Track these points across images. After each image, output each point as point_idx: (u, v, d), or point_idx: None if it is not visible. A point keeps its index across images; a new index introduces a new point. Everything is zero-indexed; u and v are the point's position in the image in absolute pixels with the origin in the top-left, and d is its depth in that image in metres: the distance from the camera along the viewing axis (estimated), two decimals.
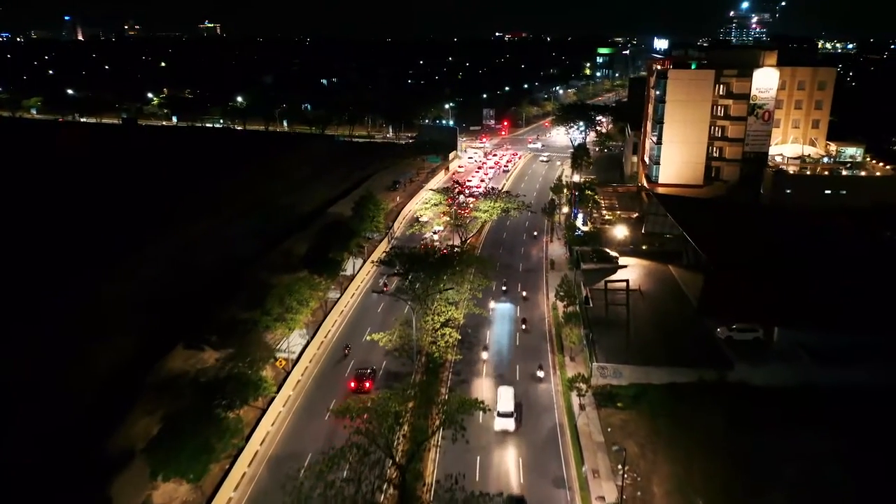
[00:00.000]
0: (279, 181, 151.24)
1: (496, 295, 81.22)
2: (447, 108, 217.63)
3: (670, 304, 77.43)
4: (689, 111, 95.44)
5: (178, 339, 70.78)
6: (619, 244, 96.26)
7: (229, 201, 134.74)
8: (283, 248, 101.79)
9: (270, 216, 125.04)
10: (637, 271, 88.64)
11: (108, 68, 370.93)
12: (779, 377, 58.79)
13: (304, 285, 61.62)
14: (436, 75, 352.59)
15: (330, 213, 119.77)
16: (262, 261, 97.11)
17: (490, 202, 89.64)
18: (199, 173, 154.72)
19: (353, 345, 68.81)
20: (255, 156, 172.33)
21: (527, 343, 70.18)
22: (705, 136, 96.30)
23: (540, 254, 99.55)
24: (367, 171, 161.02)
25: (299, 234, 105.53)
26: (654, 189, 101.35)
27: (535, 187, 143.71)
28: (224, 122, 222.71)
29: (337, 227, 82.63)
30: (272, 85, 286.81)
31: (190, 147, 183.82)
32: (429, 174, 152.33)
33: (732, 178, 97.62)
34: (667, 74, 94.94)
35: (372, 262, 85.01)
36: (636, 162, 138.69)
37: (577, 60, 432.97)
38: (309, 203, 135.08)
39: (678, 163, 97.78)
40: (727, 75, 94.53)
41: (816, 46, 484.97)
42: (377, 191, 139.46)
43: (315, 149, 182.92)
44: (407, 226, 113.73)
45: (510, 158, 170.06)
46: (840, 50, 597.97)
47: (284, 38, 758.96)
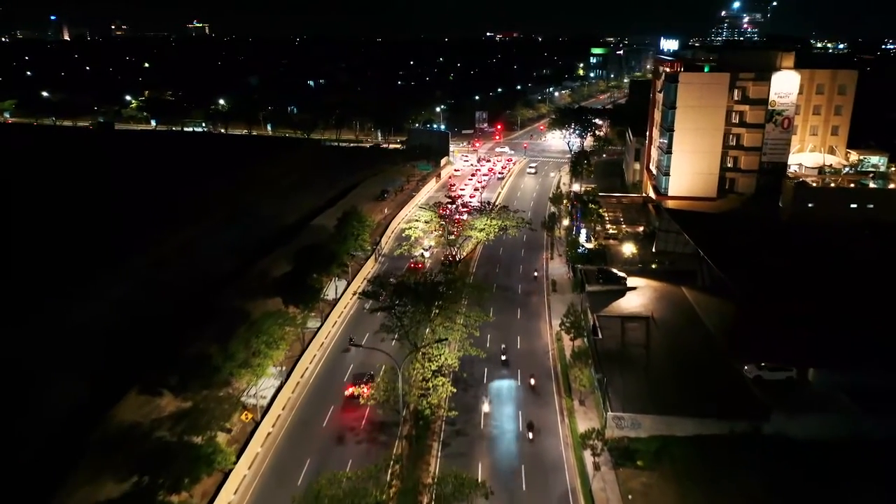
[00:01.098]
0: (261, 189, 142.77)
1: (493, 365, 64.51)
2: (438, 111, 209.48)
3: (687, 333, 69.65)
4: (702, 118, 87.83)
5: (137, 378, 62.57)
6: (626, 262, 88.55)
7: (207, 212, 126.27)
8: (260, 266, 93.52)
9: (250, 228, 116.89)
10: (647, 294, 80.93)
11: (90, 69, 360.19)
12: (823, 429, 51.04)
13: (275, 324, 53.25)
14: (426, 76, 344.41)
15: (313, 227, 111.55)
16: (237, 282, 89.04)
17: (485, 219, 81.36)
18: (176, 181, 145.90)
19: (331, 393, 60.54)
20: (237, 162, 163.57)
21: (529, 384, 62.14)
22: (719, 145, 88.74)
23: (540, 272, 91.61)
24: (355, 177, 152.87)
25: (279, 252, 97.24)
26: (663, 202, 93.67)
27: (531, 195, 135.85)
28: (206, 126, 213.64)
29: (317, 250, 74.22)
30: (257, 86, 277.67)
31: (168, 153, 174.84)
32: (419, 182, 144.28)
33: (748, 191, 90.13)
34: (677, 78, 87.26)
35: (354, 293, 76.52)
36: (639, 169, 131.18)
37: (569, 61, 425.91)
38: (292, 213, 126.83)
39: (689, 174, 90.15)
40: (743, 79, 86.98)
41: (812, 47, 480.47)
42: (364, 201, 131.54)
43: (299, 154, 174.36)
44: (396, 241, 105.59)
45: (505, 164, 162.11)
46: (831, 50, 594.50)
47: (274, 37, 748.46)
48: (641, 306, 77.12)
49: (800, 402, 54.12)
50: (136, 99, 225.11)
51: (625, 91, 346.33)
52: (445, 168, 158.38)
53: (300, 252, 74.90)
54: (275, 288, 74.90)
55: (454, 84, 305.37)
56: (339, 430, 54.42)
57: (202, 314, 76.45)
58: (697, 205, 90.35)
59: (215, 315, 76.24)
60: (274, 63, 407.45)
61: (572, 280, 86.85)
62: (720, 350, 63.30)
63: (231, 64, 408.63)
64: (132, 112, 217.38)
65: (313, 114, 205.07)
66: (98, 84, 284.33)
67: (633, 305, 77.40)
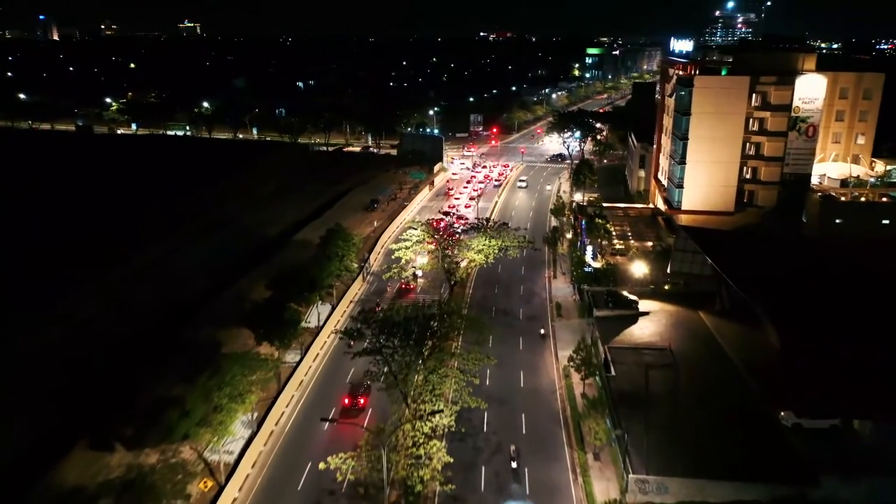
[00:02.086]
0: (243, 198, 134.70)
1: (502, 478, 48.69)
2: (431, 113, 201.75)
3: (711, 369, 62.27)
4: (719, 125, 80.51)
5: (89, 425, 54.74)
6: (636, 283, 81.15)
7: (184, 223, 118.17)
8: (237, 289, 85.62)
9: (229, 241, 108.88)
10: (661, 319, 73.57)
11: (73, 70, 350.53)
12: (886, 495, 43.71)
13: (240, 374, 45.44)
14: (419, 77, 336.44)
15: (296, 242, 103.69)
16: (210, 306, 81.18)
17: (484, 238, 73.53)
18: (153, 189, 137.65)
19: (309, 444, 52.76)
20: (219, 168, 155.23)
21: (534, 432, 54.52)
22: (737, 155, 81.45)
23: (543, 293, 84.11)
24: (344, 185, 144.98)
25: (258, 272, 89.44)
26: (675, 216, 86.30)
27: (530, 205, 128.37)
28: (190, 130, 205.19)
29: (296, 276, 66.46)
30: (245, 88, 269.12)
31: (147, 158, 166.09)
32: (411, 190, 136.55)
33: (769, 204, 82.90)
34: (692, 82, 79.88)
35: (335, 330, 68.40)
36: (644, 177, 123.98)
37: (564, 61, 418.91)
38: (275, 224, 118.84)
39: (705, 186, 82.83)
40: (764, 83, 79.73)
41: (812, 48, 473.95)
42: (352, 212, 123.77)
43: (285, 160, 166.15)
44: (386, 258, 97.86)
45: (501, 171, 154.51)
46: (825, 50, 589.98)
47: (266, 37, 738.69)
48: (657, 335, 69.78)
49: (851, 460, 46.75)
50: (116, 101, 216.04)
51: (622, 92, 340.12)
52: (439, 175, 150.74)
53: (277, 278, 67.08)
54: (249, 317, 67.11)
55: (448, 85, 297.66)
56: (316, 495, 46.68)
57: (169, 345, 68.77)
58: (713, 220, 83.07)
59: (183, 347, 68.66)
60: (263, 64, 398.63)
61: (578, 303, 79.36)
62: (750, 390, 56.04)
63: (219, 64, 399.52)
64: (112, 115, 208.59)
65: (301, 117, 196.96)
66: (81, 85, 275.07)
67: (648, 334, 70.07)
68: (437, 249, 70.50)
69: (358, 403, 56.00)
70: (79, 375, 63.20)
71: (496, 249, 72.42)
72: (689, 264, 75.93)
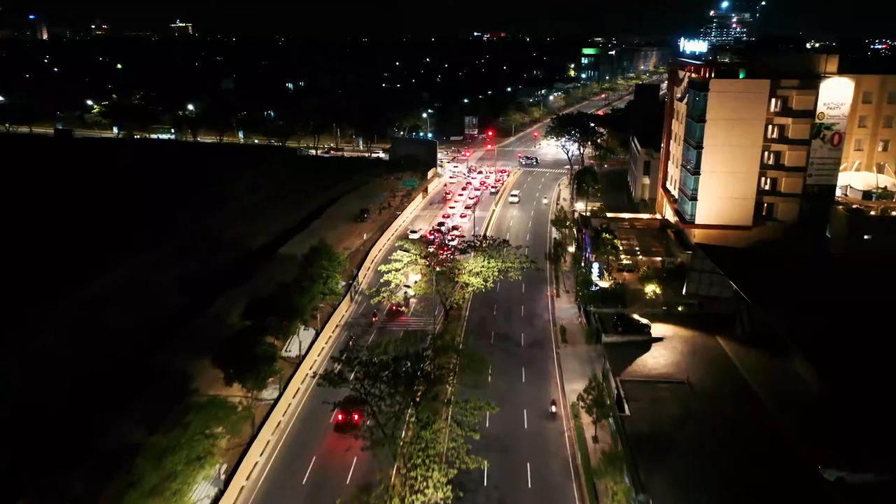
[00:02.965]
0: (228, 206, 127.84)
1: None
2: (425, 116, 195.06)
3: (736, 406, 55.93)
4: (737, 133, 74.17)
5: (30, 481, 47.97)
6: (647, 304, 74.78)
7: (165, 235, 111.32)
8: (213, 311, 78.91)
9: (210, 255, 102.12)
10: (676, 346, 67.26)
11: (58, 71, 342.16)
12: None
13: (201, 431, 38.70)
14: (412, 78, 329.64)
15: (281, 257, 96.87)
16: (186, 328, 74.48)
17: (482, 259, 66.70)
18: (131, 197, 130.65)
19: None
20: (202, 174, 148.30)
21: (542, 488, 47.96)
22: (756, 165, 75.16)
23: (545, 315, 77.58)
24: (333, 191, 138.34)
25: (237, 292, 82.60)
26: (688, 230, 79.95)
27: (528, 214, 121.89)
28: (175, 133, 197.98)
29: (275, 302, 59.72)
30: (233, 90, 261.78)
31: (128, 163, 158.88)
32: (404, 198, 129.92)
33: (789, 218, 76.61)
34: (707, 85, 73.50)
35: (312, 373, 61.19)
36: (648, 184, 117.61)
37: (560, 62, 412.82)
38: (260, 235, 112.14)
39: (721, 198, 76.50)
40: (785, 87, 73.40)
41: (806, 46, 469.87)
42: (341, 222, 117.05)
43: (272, 165, 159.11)
44: (376, 274, 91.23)
45: (498, 177, 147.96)
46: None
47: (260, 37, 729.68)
48: (672, 365, 63.44)
49: None
50: (98, 104, 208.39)
51: (619, 93, 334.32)
52: (433, 181, 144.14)
53: (255, 306, 60.23)
54: (223, 349, 60.21)
55: (442, 87, 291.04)
56: None
57: (136, 378, 62.07)
58: (730, 235, 76.73)
59: (152, 378, 62.04)
60: (254, 64, 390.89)
61: (585, 326, 72.80)
62: (781, 432, 49.72)
63: (209, 65, 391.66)
64: (94, 118, 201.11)
65: (290, 119, 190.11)
66: (64, 87, 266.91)
67: (663, 363, 63.70)
68: (431, 270, 63.75)
69: (352, 419, 52.16)
70: (29, 416, 56.39)
71: (495, 272, 65.72)
72: (706, 286, 69.58)
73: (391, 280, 65.28)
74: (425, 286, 64.63)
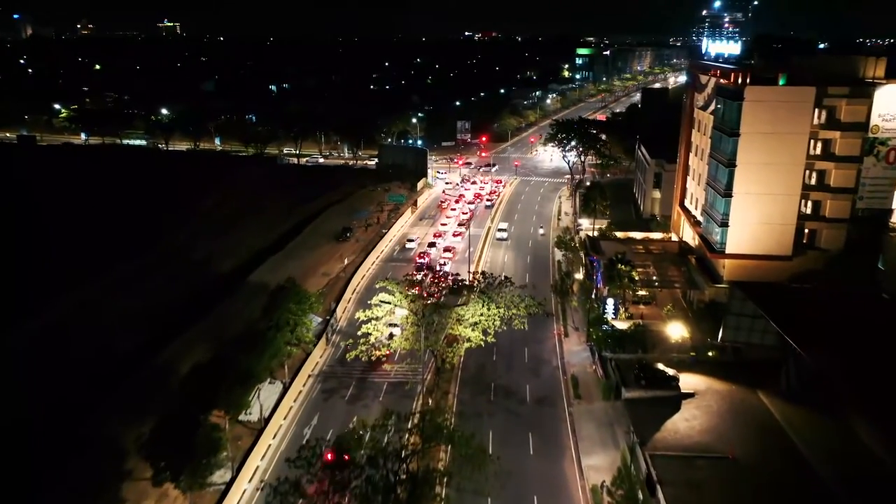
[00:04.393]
0: (197, 221, 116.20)
1: None
2: (414, 121, 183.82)
3: (791, 487, 45.93)
4: (775, 148, 63.60)
5: None
6: (670, 347, 64.18)
7: (121, 254, 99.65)
8: (167, 355, 67.46)
9: (174, 279, 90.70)
10: (712, 404, 57.08)
11: (32, 72, 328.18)
12: None
13: None
14: (402, 79, 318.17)
15: (250, 286, 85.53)
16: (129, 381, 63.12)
17: (480, 304, 55.34)
18: (91, 213, 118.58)
19: None
20: (171, 185, 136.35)
21: None
22: (798, 185, 64.60)
23: (553, 360, 66.75)
24: (315, 204, 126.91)
25: (198, 329, 71.41)
26: (716, 261, 69.32)
27: (528, 230, 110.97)
28: (146, 140, 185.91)
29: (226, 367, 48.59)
30: (214, 92, 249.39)
31: (92, 173, 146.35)
32: (391, 213, 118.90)
33: (834, 247, 66.12)
34: (742, 93, 62.86)
35: (259, 484, 49.13)
36: (659, 198, 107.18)
37: (553, 62, 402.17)
38: (232, 255, 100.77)
39: (755, 223, 65.90)
40: (833, 95, 62.85)
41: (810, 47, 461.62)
42: (321, 241, 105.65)
43: (249, 175, 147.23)
44: (359, 305, 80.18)
45: (494, 188, 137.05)
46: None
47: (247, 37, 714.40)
48: (710, 430, 53.12)
49: None
50: (66, 108, 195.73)
51: (616, 94, 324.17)
52: (423, 193, 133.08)
53: (199, 371, 49.12)
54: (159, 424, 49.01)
55: (433, 88, 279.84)
56: None
57: (56, 451, 50.89)
58: (766, 266, 66.22)
59: (74, 453, 50.87)
60: (239, 65, 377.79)
61: (601, 377, 61.93)
62: None
63: (191, 66, 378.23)
64: (62, 122, 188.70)
65: (272, 124, 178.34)
66: (35, 89, 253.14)
67: (698, 429, 53.43)
68: (420, 320, 52.48)
69: (344, 458, 44.95)
70: None
71: (497, 320, 54.58)
72: (746, 331, 58.96)
73: (370, 331, 54.04)
74: (412, 338, 53.50)
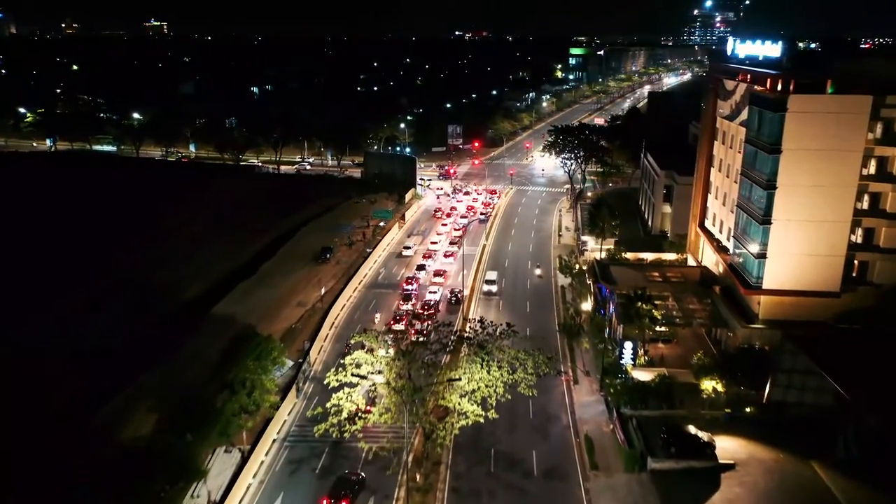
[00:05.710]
0: (161, 240, 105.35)
1: None
2: (403, 126, 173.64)
3: None
4: (824, 168, 54.12)
5: None
6: (699, 401, 54.40)
7: (76, 280, 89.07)
8: (104, 416, 57.05)
9: (129, 310, 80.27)
10: (757, 479, 47.67)
11: (5, 72, 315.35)
12: None
13: None
14: (391, 80, 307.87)
15: (214, 319, 75.28)
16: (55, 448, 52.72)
17: (477, 365, 44.62)
18: (45, 230, 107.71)
19: None
20: (137, 197, 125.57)
21: None
22: (849, 211, 55.13)
23: (563, 416, 56.81)
24: (295, 218, 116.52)
25: (146, 381, 60.95)
26: (753, 298, 59.67)
27: (527, 249, 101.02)
28: (115, 146, 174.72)
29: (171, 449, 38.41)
30: (193, 94, 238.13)
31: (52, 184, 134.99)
32: (376, 228, 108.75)
33: (889, 281, 56.65)
34: (784, 103, 53.27)
35: None
36: (669, 213, 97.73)
37: (545, 62, 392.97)
38: (197, 279, 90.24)
39: (798, 255, 56.38)
40: (892, 105, 53.34)
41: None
42: (298, 263, 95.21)
43: (222, 186, 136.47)
44: (337, 343, 70.06)
45: (488, 200, 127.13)
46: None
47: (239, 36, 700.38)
48: None
49: None
50: (32, 111, 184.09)
51: (612, 96, 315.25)
52: (412, 205, 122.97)
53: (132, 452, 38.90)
54: None
55: (422, 90, 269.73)
56: None
57: None
58: (809, 304, 56.77)
59: None
60: (223, 65, 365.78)
61: (622, 444, 51.89)
62: None
63: (174, 66, 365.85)
64: (27, 127, 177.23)
65: (253, 129, 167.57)
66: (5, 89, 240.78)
67: None
68: (403, 389, 42.15)
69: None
70: None
71: (501, 387, 44.31)
72: (798, 390, 49.36)
73: (341, 402, 43.68)
74: (394, 407, 43.19)
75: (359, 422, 43.28)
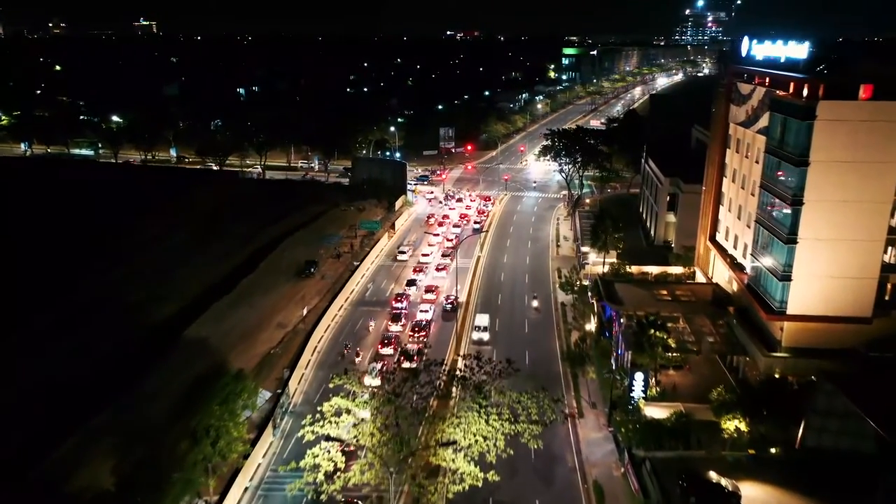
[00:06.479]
0: (135, 254, 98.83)
1: None
2: (393, 129, 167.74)
3: None
4: (856, 182, 48.91)
5: None
6: (719, 441, 48.96)
7: (42, 300, 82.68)
8: (58, 459, 51.00)
9: (98, 331, 73.96)
10: None
11: None
12: None
13: None
14: (381, 81, 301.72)
15: (188, 343, 69.30)
16: None
17: (475, 414, 38.82)
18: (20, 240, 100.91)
19: None
20: (111, 207, 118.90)
21: None
22: (883, 229, 49.91)
23: (568, 457, 51.25)
24: (278, 227, 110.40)
25: (101, 421, 54.92)
26: (776, 324, 54.30)
27: (524, 263, 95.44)
28: (92, 150, 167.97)
29: None
30: (177, 97, 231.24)
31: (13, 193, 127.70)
32: (364, 239, 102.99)
33: None
34: (813, 110, 47.98)
35: None
36: (674, 223, 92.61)
37: (538, 62, 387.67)
38: (173, 297, 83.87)
39: (826, 277, 51.10)
40: None
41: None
42: (280, 278, 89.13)
43: (202, 194, 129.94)
44: (319, 371, 64.34)
45: (481, 208, 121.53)
46: None
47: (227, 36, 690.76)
48: None
49: None
50: (6, 114, 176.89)
51: (606, 97, 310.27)
52: (402, 214, 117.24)
53: None
54: None
55: (413, 91, 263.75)
56: None
57: None
58: (838, 330, 51.60)
59: None
60: (211, 66, 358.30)
61: (636, 493, 46.38)
62: None
63: (161, 67, 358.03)
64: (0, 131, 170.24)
65: (238, 132, 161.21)
66: None
67: None
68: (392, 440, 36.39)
69: None
70: None
71: (501, 439, 38.53)
72: (835, 435, 44.00)
73: (319, 458, 37.84)
74: (378, 466, 37.44)
75: (337, 481, 37.39)
